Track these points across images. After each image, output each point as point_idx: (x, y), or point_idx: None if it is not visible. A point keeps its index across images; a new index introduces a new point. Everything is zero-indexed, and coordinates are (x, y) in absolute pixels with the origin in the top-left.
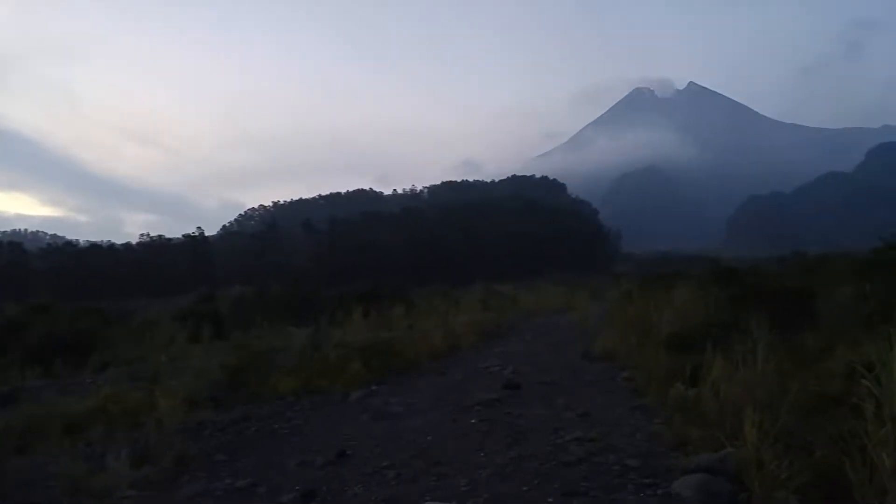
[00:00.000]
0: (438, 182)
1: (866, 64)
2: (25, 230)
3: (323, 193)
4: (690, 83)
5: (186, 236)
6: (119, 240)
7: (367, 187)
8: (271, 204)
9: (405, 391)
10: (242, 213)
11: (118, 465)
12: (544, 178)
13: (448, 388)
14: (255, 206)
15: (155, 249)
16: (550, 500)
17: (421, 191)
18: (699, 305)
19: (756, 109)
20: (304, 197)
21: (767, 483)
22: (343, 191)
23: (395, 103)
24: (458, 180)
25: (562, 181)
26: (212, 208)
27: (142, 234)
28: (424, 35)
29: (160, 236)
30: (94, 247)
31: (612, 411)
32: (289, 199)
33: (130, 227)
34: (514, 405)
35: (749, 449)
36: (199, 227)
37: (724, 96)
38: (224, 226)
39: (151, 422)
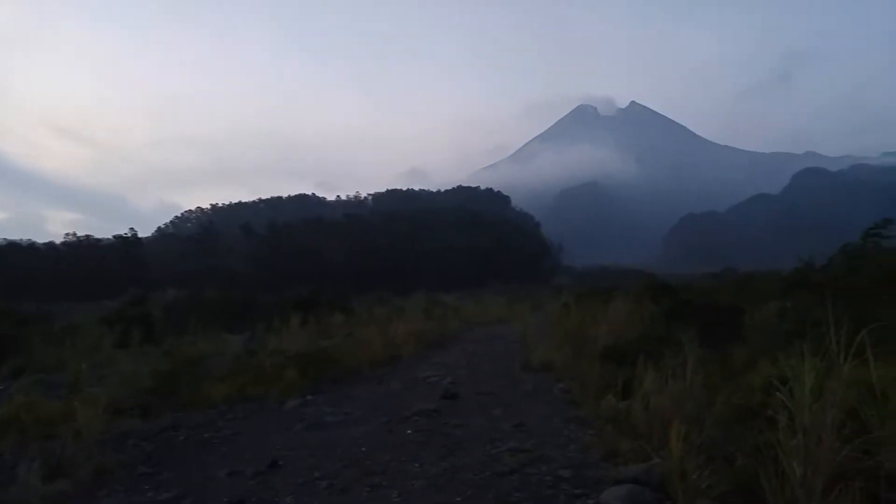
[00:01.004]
0: (383, 189)
1: (794, 93)
2: None
3: (263, 197)
4: (632, 102)
5: (117, 237)
6: (41, 238)
7: (309, 192)
8: (209, 206)
9: (342, 400)
10: (179, 214)
11: (29, 478)
12: (489, 189)
13: (386, 398)
14: (192, 208)
15: (82, 250)
16: None
17: (365, 198)
18: (634, 319)
19: (694, 130)
20: (243, 200)
21: (690, 492)
22: (284, 195)
23: (340, 107)
24: (404, 189)
25: (506, 194)
26: (146, 209)
27: (67, 234)
28: (373, 39)
29: (88, 236)
30: (12, 245)
31: (548, 422)
32: (227, 202)
33: (54, 226)
34: (451, 415)
35: (674, 460)
36: (131, 228)
37: (663, 116)
38: (159, 227)
39: (69, 432)
